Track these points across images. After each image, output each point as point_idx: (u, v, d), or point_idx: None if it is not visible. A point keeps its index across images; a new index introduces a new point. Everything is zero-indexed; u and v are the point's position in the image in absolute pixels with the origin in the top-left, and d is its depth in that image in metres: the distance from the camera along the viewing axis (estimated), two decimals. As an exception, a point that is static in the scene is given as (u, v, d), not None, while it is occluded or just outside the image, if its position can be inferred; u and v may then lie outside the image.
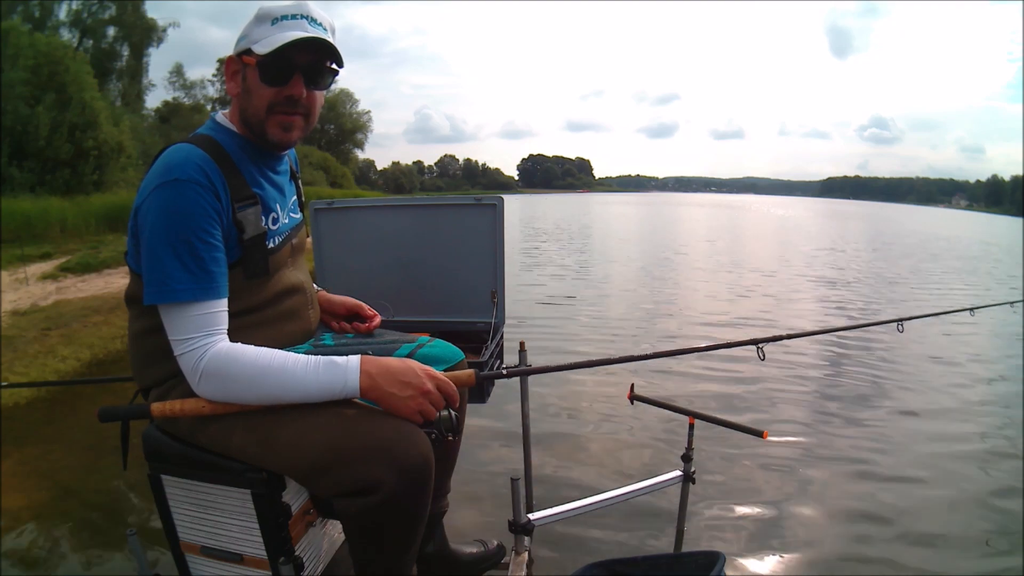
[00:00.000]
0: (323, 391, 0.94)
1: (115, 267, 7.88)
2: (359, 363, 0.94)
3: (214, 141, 1.01)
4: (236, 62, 1.03)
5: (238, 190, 0.99)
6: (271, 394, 0.93)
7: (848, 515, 2.25)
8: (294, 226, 1.15)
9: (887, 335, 5.25)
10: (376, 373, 0.94)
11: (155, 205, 0.92)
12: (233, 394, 0.93)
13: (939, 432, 3.11)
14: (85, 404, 3.36)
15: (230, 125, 1.06)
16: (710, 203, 63.37)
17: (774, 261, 11.46)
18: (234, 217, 0.98)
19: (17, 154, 12.92)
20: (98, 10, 21.80)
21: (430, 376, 0.96)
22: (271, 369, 0.92)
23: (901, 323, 1.75)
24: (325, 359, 0.95)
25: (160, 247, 0.92)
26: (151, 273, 0.92)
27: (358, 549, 1.02)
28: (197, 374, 0.92)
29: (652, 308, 6.46)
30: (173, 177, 0.92)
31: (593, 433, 2.98)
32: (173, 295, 0.92)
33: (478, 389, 1.60)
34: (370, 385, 0.94)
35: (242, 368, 0.92)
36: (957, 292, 8.12)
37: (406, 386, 0.94)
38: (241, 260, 1.00)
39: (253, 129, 1.04)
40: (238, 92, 1.03)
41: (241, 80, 1.03)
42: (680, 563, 1.34)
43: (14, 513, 2.21)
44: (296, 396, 0.94)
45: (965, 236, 22.28)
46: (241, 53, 1.02)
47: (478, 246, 1.75)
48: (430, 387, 0.95)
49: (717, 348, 1.52)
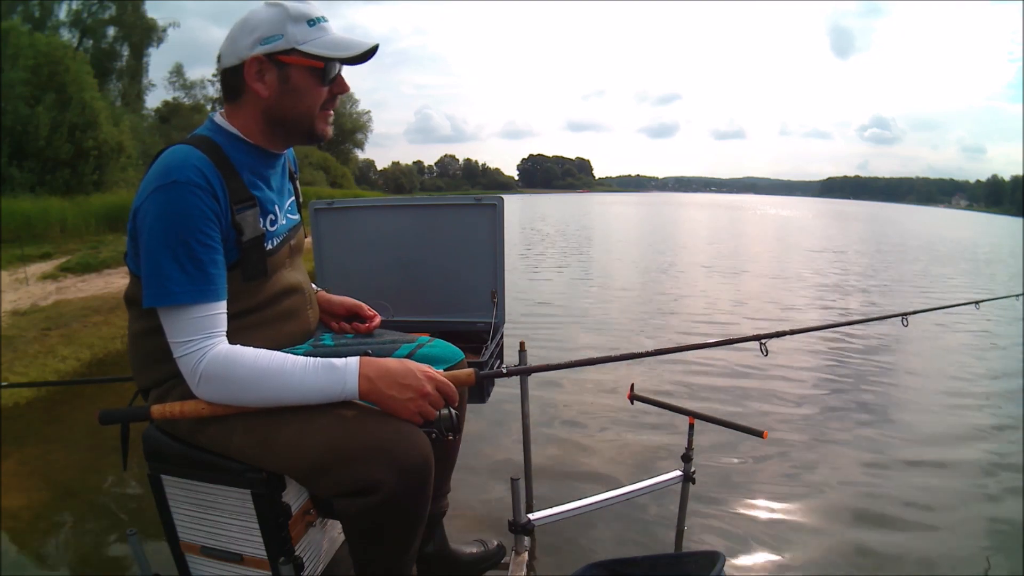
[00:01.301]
0: (322, 394, 0.94)
1: (115, 267, 7.88)
2: (358, 366, 0.95)
3: (213, 142, 1.00)
4: (269, 63, 1.00)
5: (236, 192, 0.99)
6: (270, 396, 0.93)
7: (848, 515, 2.25)
8: (292, 227, 1.15)
9: (891, 334, 5.25)
10: (375, 376, 0.94)
11: (153, 207, 0.92)
12: (232, 396, 0.93)
13: (941, 432, 3.11)
14: (85, 404, 3.36)
15: (229, 126, 1.04)
16: (710, 203, 63.39)
17: (779, 262, 11.46)
18: (232, 219, 0.98)
19: (17, 154, 12.91)
20: (98, 10, 21.79)
21: (429, 377, 0.97)
22: (270, 371, 0.93)
23: (906, 317, 1.73)
24: (324, 361, 0.94)
25: (158, 250, 0.91)
26: (150, 276, 0.92)
27: (358, 549, 1.02)
28: (196, 376, 0.92)
29: (653, 308, 6.46)
30: (171, 179, 0.92)
31: (593, 433, 2.98)
32: (172, 298, 0.91)
33: (478, 389, 1.60)
34: (369, 388, 0.94)
35: (241, 370, 0.92)
36: (966, 292, 8.08)
37: (405, 388, 0.95)
38: (240, 262, 1.00)
39: (295, 127, 1.04)
40: (272, 93, 1.01)
41: (279, 81, 1.00)
42: (680, 563, 1.34)
43: (14, 513, 2.21)
44: (295, 398, 0.94)
45: (970, 237, 22.04)
46: (279, 53, 0.99)
47: (478, 246, 1.75)
48: (429, 389, 0.96)
49: (720, 345, 1.51)
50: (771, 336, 1.44)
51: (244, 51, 0.99)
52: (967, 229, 28.71)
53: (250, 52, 0.99)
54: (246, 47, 0.99)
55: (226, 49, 1.02)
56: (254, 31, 0.99)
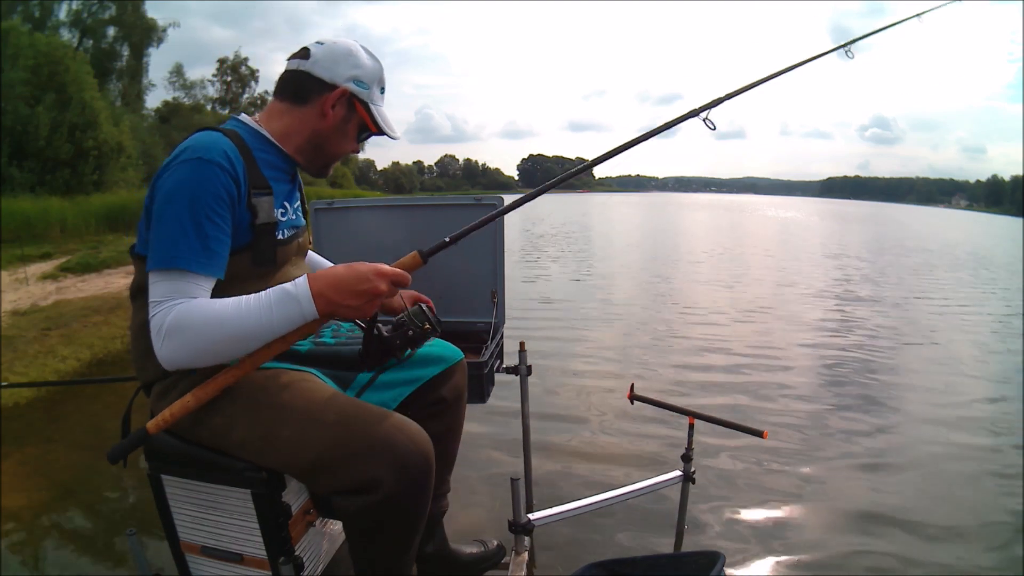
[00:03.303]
0: (285, 323, 0.92)
1: (115, 267, 7.88)
2: (307, 286, 0.92)
3: (239, 135, 1.03)
4: (346, 100, 1.09)
5: (255, 179, 1.02)
6: (233, 336, 0.91)
7: (849, 515, 2.25)
8: (300, 227, 1.17)
9: (892, 334, 5.26)
10: (327, 290, 0.92)
11: (175, 176, 0.94)
12: (194, 347, 0.90)
13: (943, 432, 3.11)
14: (85, 404, 3.36)
15: (258, 127, 1.08)
16: (709, 204, 63.39)
17: (782, 265, 11.45)
18: (249, 201, 1.00)
19: (17, 154, 12.93)
20: (98, 10, 21.80)
21: (379, 274, 0.94)
22: (227, 311, 0.91)
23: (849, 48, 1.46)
24: (277, 290, 0.93)
25: (170, 215, 0.93)
26: (156, 239, 0.93)
27: (358, 548, 1.02)
28: (161, 335, 0.90)
29: (654, 307, 6.46)
30: (197, 155, 0.95)
31: (593, 433, 2.98)
32: (170, 261, 0.92)
33: (478, 389, 1.60)
34: (326, 304, 0.92)
35: (200, 315, 0.90)
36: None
37: (360, 294, 0.93)
38: (251, 245, 1.02)
39: (321, 157, 1.13)
40: (330, 124, 1.09)
41: (342, 120, 1.09)
42: (680, 563, 1.35)
43: (14, 513, 2.21)
44: (259, 333, 0.92)
45: (986, 242, 20.79)
46: (358, 99, 1.09)
47: (478, 246, 1.75)
48: (383, 286, 0.94)
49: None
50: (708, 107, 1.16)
51: (340, 78, 1.07)
52: (982, 233, 28.27)
53: (344, 83, 1.07)
54: (343, 76, 1.07)
55: (323, 61, 1.07)
56: (356, 68, 1.08)
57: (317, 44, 1.09)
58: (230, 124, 1.08)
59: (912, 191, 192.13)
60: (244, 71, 32.74)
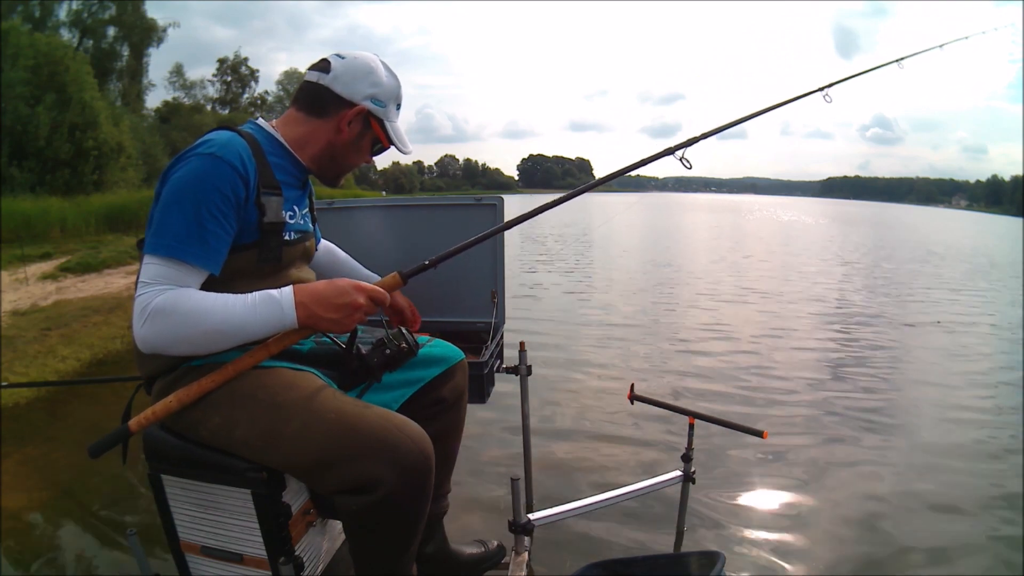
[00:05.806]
0: (265, 325, 0.95)
1: (115, 267, 7.88)
2: (292, 294, 0.96)
3: (255, 138, 1.05)
4: (363, 117, 1.11)
5: (266, 179, 1.03)
6: (214, 329, 0.93)
7: (849, 515, 2.25)
8: (307, 231, 1.18)
9: (893, 335, 5.25)
10: (310, 302, 0.96)
11: (188, 167, 0.96)
12: (175, 333, 0.92)
13: (944, 432, 3.11)
14: (85, 404, 3.35)
15: (275, 132, 1.10)
16: (709, 204, 63.36)
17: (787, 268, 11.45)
18: (258, 199, 1.01)
19: (17, 154, 12.94)
20: (98, 10, 21.81)
21: (358, 289, 0.99)
22: (215, 306, 0.93)
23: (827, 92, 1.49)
24: (264, 294, 0.96)
25: (176, 204, 0.94)
26: (159, 224, 0.95)
27: (358, 548, 1.02)
28: (145, 315, 0.91)
29: (654, 307, 6.45)
30: (211, 152, 0.96)
31: (593, 433, 2.98)
32: (168, 248, 0.93)
33: (478, 389, 1.60)
34: (307, 315, 0.96)
35: (187, 303, 0.92)
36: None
37: (340, 308, 0.97)
38: (258, 243, 1.03)
39: (334, 168, 1.15)
40: (345, 138, 1.11)
41: (357, 135, 1.12)
42: (680, 563, 1.35)
43: (14, 513, 2.21)
44: (239, 331, 0.94)
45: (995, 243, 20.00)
46: (375, 117, 1.11)
47: (478, 247, 1.75)
48: (361, 300, 0.98)
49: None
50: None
51: (358, 96, 1.09)
52: (990, 234, 28.10)
53: (361, 101, 1.10)
54: (361, 94, 1.09)
55: (343, 77, 1.09)
56: (374, 86, 1.10)
57: (338, 57, 1.11)
58: (248, 127, 1.09)
59: (912, 191, 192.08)
60: (244, 71, 32.81)
